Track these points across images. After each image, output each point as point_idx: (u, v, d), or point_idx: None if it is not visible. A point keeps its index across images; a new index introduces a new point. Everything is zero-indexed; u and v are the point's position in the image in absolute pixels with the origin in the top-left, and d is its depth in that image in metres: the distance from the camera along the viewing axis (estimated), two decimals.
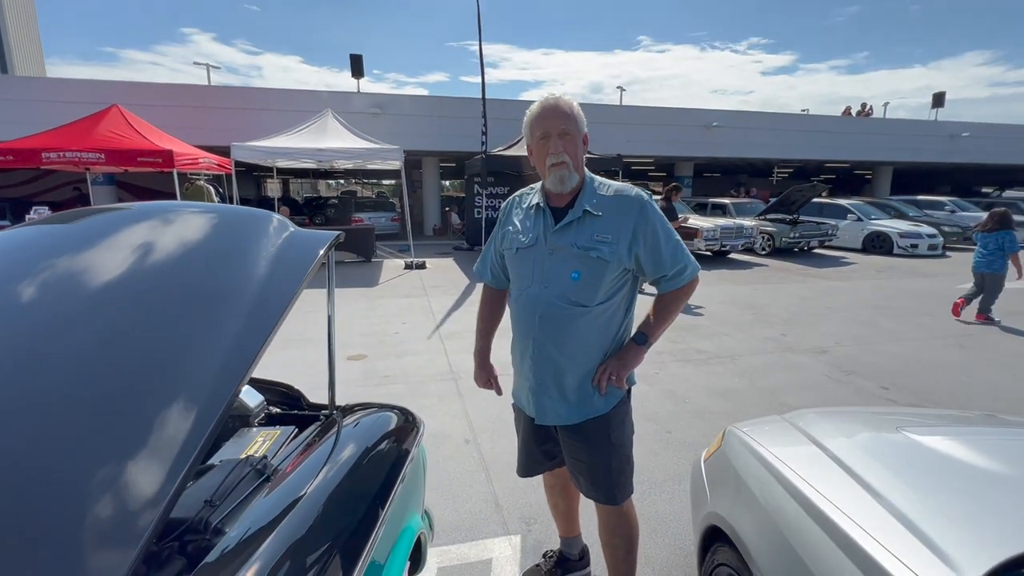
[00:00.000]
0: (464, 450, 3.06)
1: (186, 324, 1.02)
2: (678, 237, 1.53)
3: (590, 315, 1.47)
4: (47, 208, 9.31)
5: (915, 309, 6.74)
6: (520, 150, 11.29)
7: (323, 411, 1.71)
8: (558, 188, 1.49)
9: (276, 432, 1.51)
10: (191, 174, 9.88)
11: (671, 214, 7.62)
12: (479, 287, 2.03)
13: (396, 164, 10.04)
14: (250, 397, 1.70)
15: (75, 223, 1.30)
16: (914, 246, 11.96)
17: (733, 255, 11.55)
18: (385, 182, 42.40)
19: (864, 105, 20.76)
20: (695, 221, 10.88)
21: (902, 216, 13.91)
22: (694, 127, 17.79)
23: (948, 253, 12.58)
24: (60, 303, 0.99)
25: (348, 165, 11.89)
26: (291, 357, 4.69)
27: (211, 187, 10.37)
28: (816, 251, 12.55)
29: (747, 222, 11.47)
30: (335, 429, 1.48)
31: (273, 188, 23.15)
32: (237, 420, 1.63)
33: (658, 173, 27.75)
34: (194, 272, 1.14)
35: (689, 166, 20.81)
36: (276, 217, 1.53)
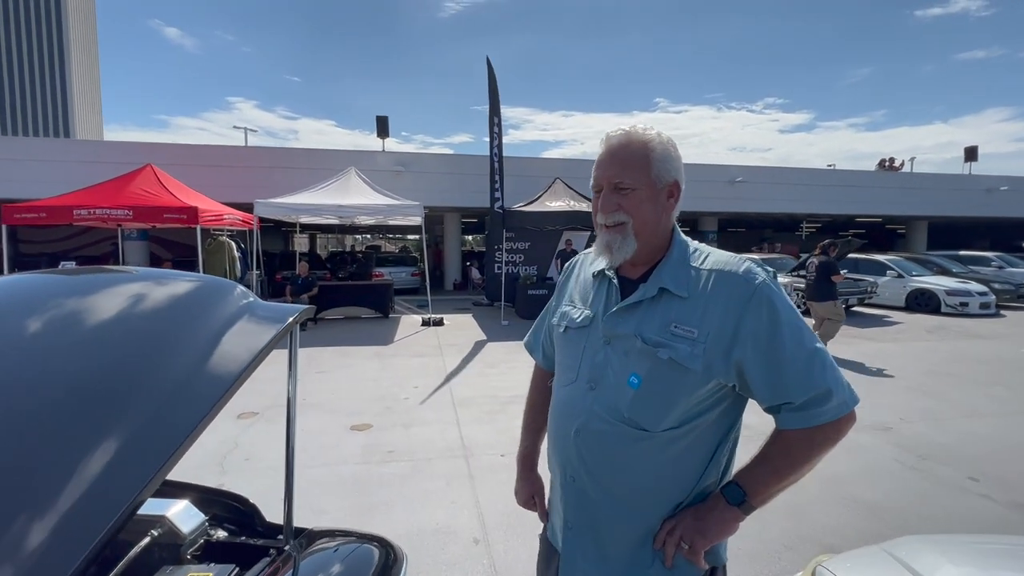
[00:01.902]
0: (472, 553, 2.57)
1: (58, 424, 0.75)
2: (819, 344, 0.97)
3: (652, 444, 0.98)
4: (75, 263, 9.43)
5: (984, 377, 6.04)
6: (540, 206, 11.20)
7: (279, 537, 1.32)
8: (606, 258, 1.06)
9: (209, 575, 1.13)
10: (214, 230, 10.00)
11: (833, 270, 6.96)
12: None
13: (416, 220, 10.01)
14: (186, 518, 1.32)
15: None
16: (964, 304, 11.17)
17: None
18: (410, 237, 43.28)
19: (892, 159, 20.47)
20: None
21: (945, 272, 13.19)
22: (718, 182, 17.67)
23: (1001, 312, 11.73)
24: None
25: (370, 221, 11.96)
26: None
27: (232, 242, 10.46)
28: (855, 309, 11.85)
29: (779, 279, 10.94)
30: (291, 570, 1.15)
31: (300, 243, 23.72)
32: (164, 551, 1.24)
33: (681, 229, 27.60)
34: (87, 357, 0.87)
35: (713, 221, 20.55)
36: (235, 288, 1.25)
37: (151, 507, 1.21)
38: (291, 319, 1.19)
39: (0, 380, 0.79)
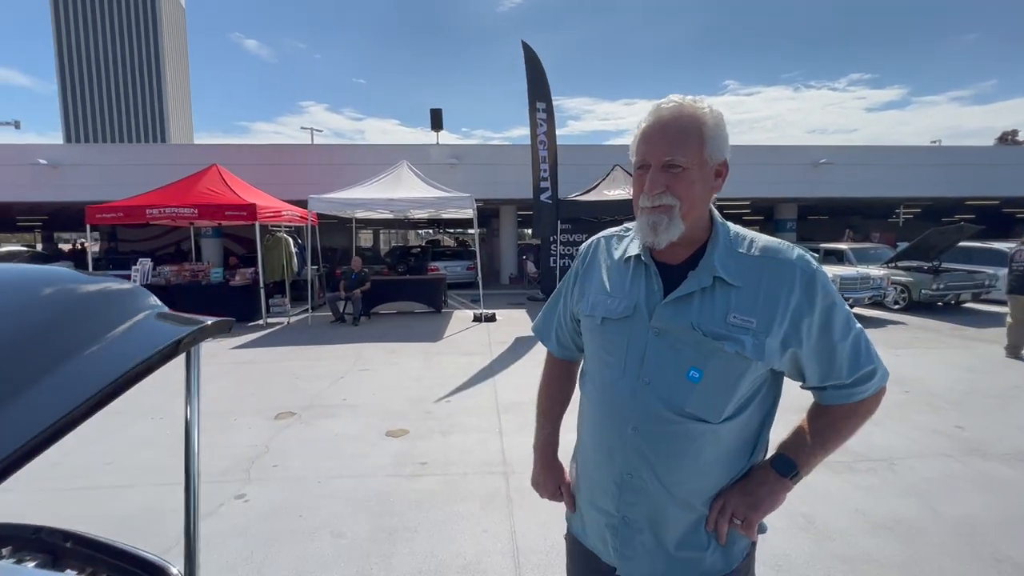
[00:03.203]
0: None
1: None
2: (859, 325, 1.00)
3: (714, 435, 0.97)
4: (150, 260, 9.98)
5: None
6: (597, 195, 10.55)
7: None
8: (649, 239, 0.98)
9: None
10: (272, 226, 10.23)
11: None
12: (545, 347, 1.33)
13: (468, 212, 9.72)
14: None
15: None
16: None
17: (857, 309, 9.71)
18: (470, 231, 43.61)
19: (1015, 132, 17.76)
20: None
21: None
22: (798, 165, 16.07)
23: None
24: None
25: (423, 214, 11.85)
26: (319, 432, 4.08)
27: (290, 238, 10.67)
28: (967, 305, 10.27)
29: (874, 271, 9.64)
30: None
31: (363, 238, 24.47)
32: None
33: (754, 216, 25.63)
34: None
35: (792, 208, 18.82)
36: (125, 291, 0.93)
37: None
38: (181, 337, 0.83)
39: None
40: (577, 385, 1.21)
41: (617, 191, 10.50)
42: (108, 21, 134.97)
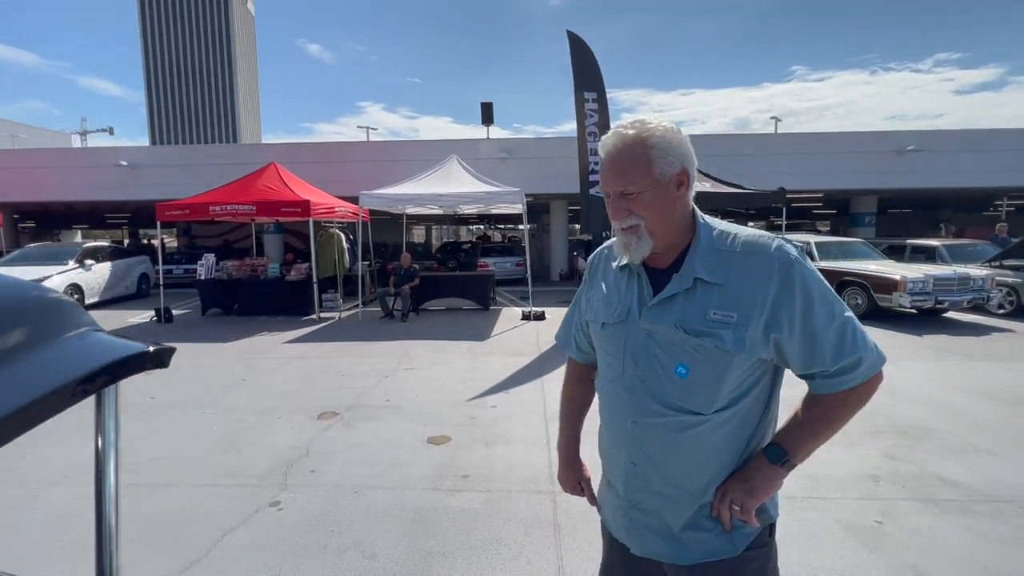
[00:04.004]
0: None
1: None
2: (848, 312, 1.01)
3: (707, 426, 1.02)
4: (213, 255, 10.40)
5: None
6: None
7: None
8: (625, 258, 1.08)
9: None
10: (325, 222, 10.38)
11: None
12: None
13: (518, 207, 9.45)
14: None
15: None
16: None
17: (952, 314, 8.65)
18: (521, 227, 43.45)
19: None
20: (892, 268, 8.38)
21: None
22: (879, 153, 14.65)
23: None
24: None
25: (472, 210, 11.70)
26: (360, 435, 3.93)
27: (342, 234, 10.81)
28: None
29: (975, 271, 8.54)
30: None
31: (416, 234, 24.81)
32: None
33: (827, 211, 23.80)
34: None
35: (871, 201, 17.25)
36: (55, 303, 0.69)
37: None
38: (107, 364, 0.60)
39: None
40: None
41: None
42: (187, 31, 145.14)
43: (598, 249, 1.26)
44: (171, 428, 4.07)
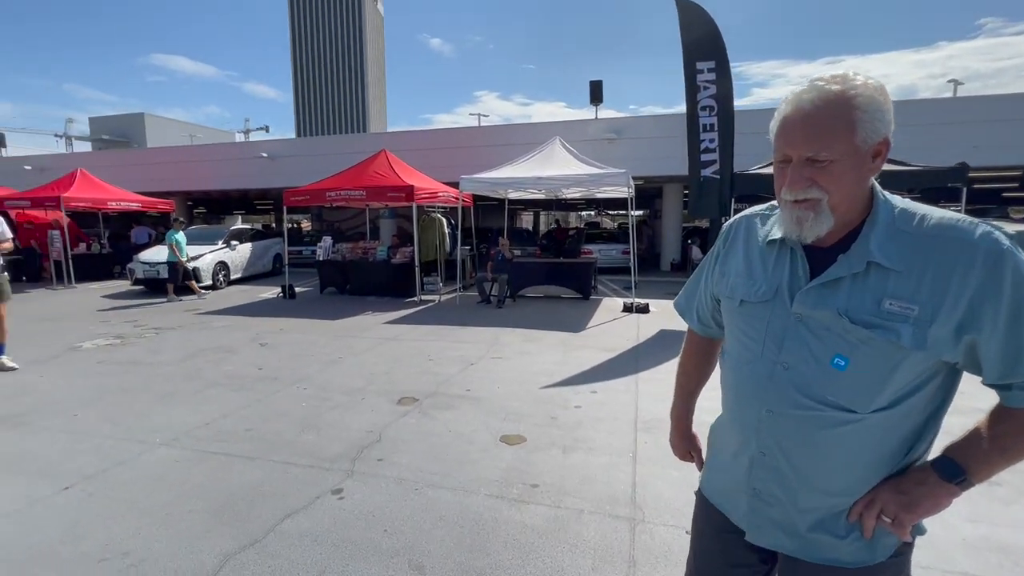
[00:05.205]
0: None
1: None
2: None
3: (860, 426, 0.91)
4: (330, 237, 11.18)
5: None
6: None
7: None
8: (793, 234, 0.94)
9: None
10: (428, 206, 10.60)
11: None
12: None
13: (624, 191, 8.79)
14: None
15: None
16: None
17: None
18: (635, 213, 41.64)
19: None
20: None
21: None
22: None
23: None
24: None
25: (576, 193, 11.21)
26: (435, 425, 3.78)
27: (444, 219, 10.97)
28: None
29: None
30: None
31: (526, 220, 24.80)
32: None
33: (1019, 194, 19.34)
34: None
35: None
36: None
37: None
38: None
39: None
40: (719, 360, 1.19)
41: None
42: (327, 34, 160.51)
43: (739, 215, 1.14)
44: (267, 401, 4.29)
